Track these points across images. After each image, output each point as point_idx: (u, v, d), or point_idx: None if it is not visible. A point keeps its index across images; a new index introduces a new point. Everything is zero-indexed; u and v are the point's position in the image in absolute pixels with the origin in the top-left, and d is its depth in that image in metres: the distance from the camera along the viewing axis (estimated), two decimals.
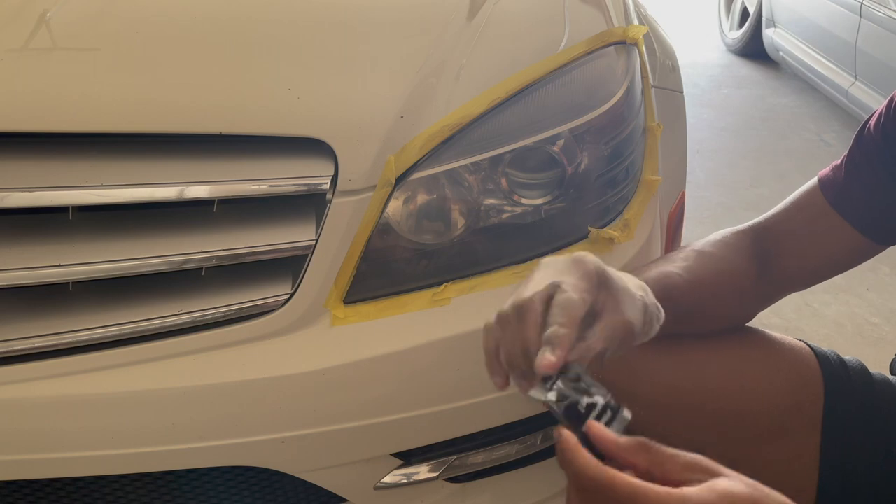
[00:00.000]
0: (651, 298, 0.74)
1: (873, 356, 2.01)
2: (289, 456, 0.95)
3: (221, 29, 1.00)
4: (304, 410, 0.93)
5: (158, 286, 0.91)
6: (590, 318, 0.68)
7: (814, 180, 0.95)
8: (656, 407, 0.91)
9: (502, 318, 0.69)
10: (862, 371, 0.94)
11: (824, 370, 0.92)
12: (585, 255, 0.71)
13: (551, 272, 0.70)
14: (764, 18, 4.30)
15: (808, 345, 0.96)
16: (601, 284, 0.70)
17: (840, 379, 0.92)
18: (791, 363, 0.93)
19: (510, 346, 0.67)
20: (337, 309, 0.95)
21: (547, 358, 0.63)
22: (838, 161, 0.94)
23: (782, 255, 0.94)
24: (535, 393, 0.65)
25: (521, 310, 0.67)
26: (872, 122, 0.92)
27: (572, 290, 0.67)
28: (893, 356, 1.01)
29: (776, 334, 0.97)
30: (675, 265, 0.88)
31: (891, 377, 0.95)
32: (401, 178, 0.95)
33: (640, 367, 0.89)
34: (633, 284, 0.73)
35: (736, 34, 4.70)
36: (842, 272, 0.96)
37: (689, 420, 0.92)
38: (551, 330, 0.65)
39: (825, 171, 0.94)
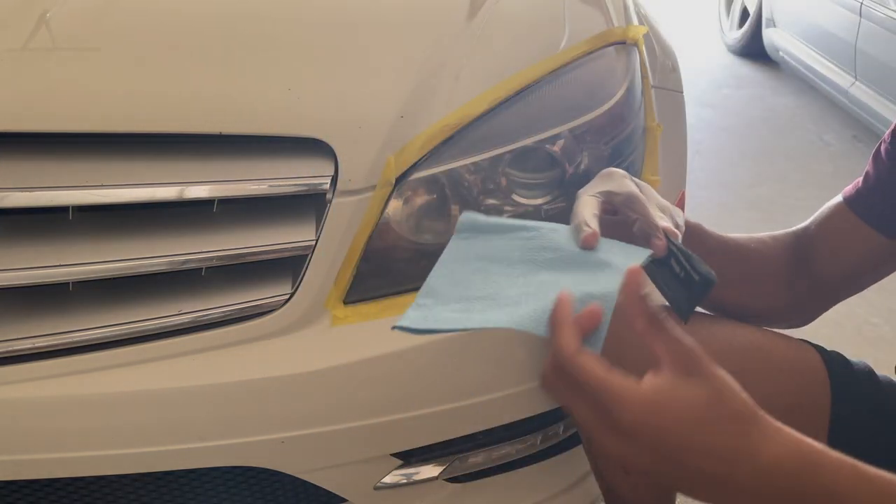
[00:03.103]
0: (675, 210, 0.86)
1: (873, 356, 1.99)
2: (289, 456, 0.95)
3: (222, 28, 1.00)
4: (304, 410, 0.93)
5: (158, 286, 0.91)
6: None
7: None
8: None
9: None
10: (868, 373, 0.94)
11: (831, 372, 0.92)
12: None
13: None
14: (764, 18, 4.30)
15: (813, 346, 0.96)
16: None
17: (847, 381, 0.92)
18: (795, 364, 0.93)
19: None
20: (337, 309, 0.95)
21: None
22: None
23: (817, 257, 0.98)
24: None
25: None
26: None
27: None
28: None
29: (782, 334, 0.96)
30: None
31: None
32: (401, 178, 0.95)
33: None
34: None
35: (736, 34, 4.70)
36: (877, 277, 0.99)
37: None
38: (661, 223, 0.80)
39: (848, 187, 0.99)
